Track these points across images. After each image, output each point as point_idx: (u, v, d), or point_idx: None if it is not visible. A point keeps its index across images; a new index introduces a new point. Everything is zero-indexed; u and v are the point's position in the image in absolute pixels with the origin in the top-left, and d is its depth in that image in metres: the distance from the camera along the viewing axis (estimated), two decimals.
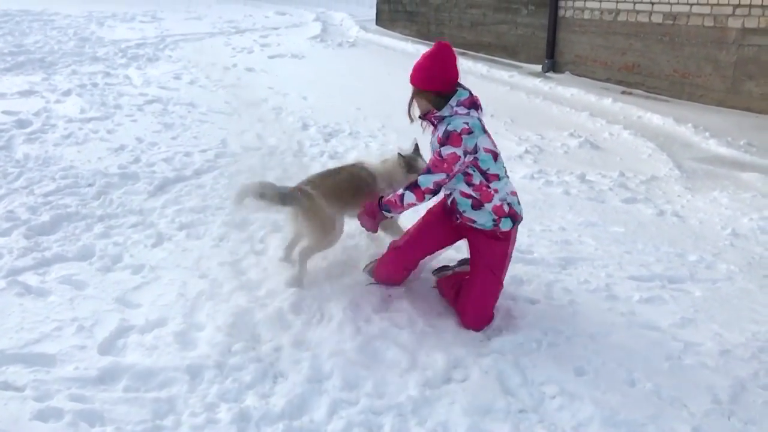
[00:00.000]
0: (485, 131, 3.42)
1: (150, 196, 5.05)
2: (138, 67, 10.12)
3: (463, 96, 3.42)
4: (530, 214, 4.92)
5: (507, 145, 6.96)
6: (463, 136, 3.28)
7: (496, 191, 3.41)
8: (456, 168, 3.34)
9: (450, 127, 3.32)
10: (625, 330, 3.47)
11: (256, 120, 7.50)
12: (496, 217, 3.44)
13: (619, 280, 4.04)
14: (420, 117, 3.56)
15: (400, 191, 3.47)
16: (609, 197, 5.51)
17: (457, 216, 3.54)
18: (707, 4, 8.66)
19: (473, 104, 3.43)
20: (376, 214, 3.59)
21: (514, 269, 4.02)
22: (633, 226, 4.90)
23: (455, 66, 3.45)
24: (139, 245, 4.22)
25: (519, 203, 3.55)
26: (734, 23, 8.42)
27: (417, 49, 13.06)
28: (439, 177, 3.36)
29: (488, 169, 3.39)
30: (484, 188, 3.40)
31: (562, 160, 6.57)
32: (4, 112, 6.86)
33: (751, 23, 8.25)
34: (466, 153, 3.31)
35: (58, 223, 4.43)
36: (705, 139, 7.22)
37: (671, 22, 9.13)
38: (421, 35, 14.34)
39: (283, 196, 3.73)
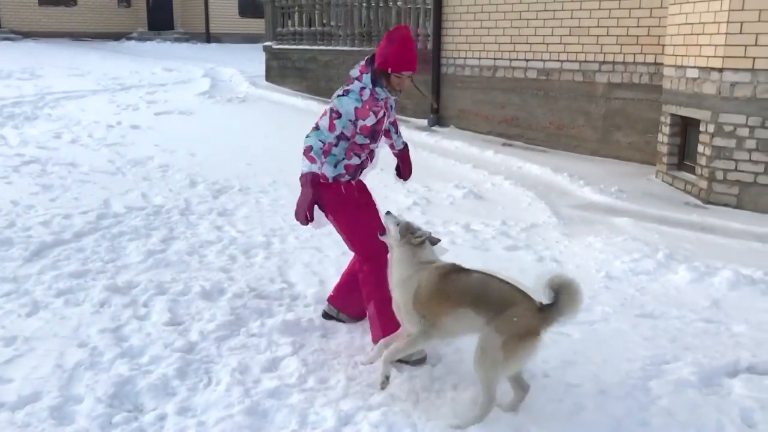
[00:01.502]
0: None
1: (25, 261, 4.82)
2: (14, 126, 9.73)
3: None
4: None
5: (396, 197, 7.13)
6: None
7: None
8: None
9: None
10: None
11: (141, 178, 7.33)
12: None
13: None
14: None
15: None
16: (492, 245, 5.72)
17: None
18: (576, 60, 9.29)
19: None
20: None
21: None
22: (515, 273, 5.07)
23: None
24: (11, 315, 4.00)
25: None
26: (601, 78, 9.07)
27: (307, 105, 13.24)
28: None
29: None
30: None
31: (449, 210, 6.78)
32: None
33: (615, 78, 8.91)
34: None
35: None
36: (580, 186, 7.65)
37: (545, 77, 9.72)
38: (312, 91, 14.54)
39: None
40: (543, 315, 3.04)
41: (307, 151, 3.67)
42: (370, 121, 3.73)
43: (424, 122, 11.57)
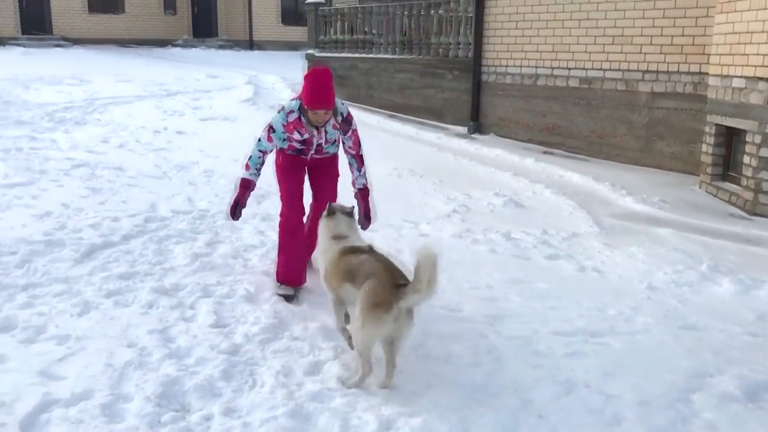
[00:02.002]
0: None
1: (76, 263, 4.96)
2: (65, 131, 10.01)
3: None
4: (458, 271, 5.09)
5: (435, 204, 7.16)
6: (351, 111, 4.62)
7: None
8: None
9: (344, 114, 4.50)
10: (550, 385, 3.58)
11: (186, 183, 7.49)
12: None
13: (544, 335, 4.18)
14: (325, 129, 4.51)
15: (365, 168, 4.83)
16: (533, 254, 5.71)
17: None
18: (619, 69, 9.22)
19: None
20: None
21: (443, 326, 4.13)
22: (556, 282, 5.09)
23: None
24: (64, 315, 4.13)
25: None
26: (644, 87, 8.98)
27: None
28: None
29: None
30: None
31: (488, 218, 6.78)
32: None
33: (659, 88, 8.82)
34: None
35: None
36: (622, 196, 7.59)
37: (587, 86, 9.66)
38: (352, 98, 14.66)
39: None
40: (396, 290, 3.31)
41: (246, 159, 4.60)
42: (296, 136, 4.49)
43: (464, 130, 11.59)
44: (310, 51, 16.12)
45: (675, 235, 6.33)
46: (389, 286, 3.35)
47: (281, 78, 17.39)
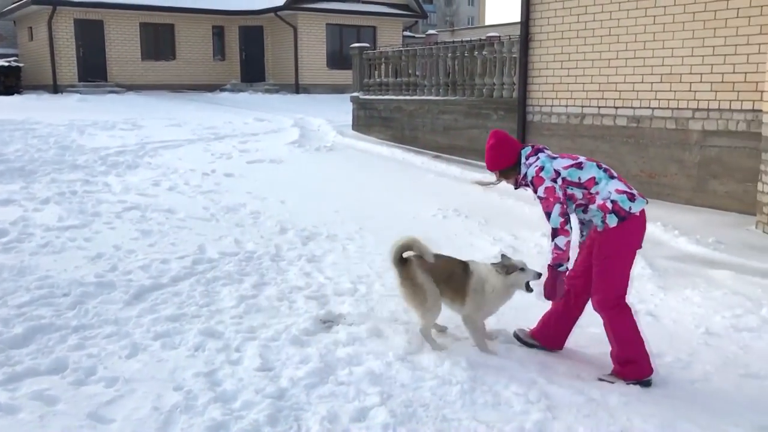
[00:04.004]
0: (554, 157, 4.12)
1: (126, 305, 5.03)
2: (117, 174, 10.26)
3: (527, 151, 4.18)
4: (508, 314, 4.96)
5: (482, 245, 7.08)
6: (540, 174, 4.01)
7: (597, 193, 3.99)
8: (558, 194, 3.96)
9: (529, 178, 4.10)
10: None
11: (234, 225, 7.58)
12: (602, 214, 3.96)
13: (598, 382, 4.04)
14: (515, 188, 4.35)
15: (552, 244, 3.98)
16: None
17: (583, 234, 4.31)
18: (668, 108, 9.08)
19: (537, 151, 4.17)
20: (555, 277, 4.03)
21: (492, 372, 4.02)
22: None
23: (513, 141, 4.29)
24: (113, 356, 4.17)
25: (631, 200, 3.96)
26: (695, 125, 8.81)
27: (392, 153, 13.45)
28: (556, 209, 3.92)
29: (579, 178, 4.01)
30: (587, 195, 4.01)
31: (536, 259, 6.63)
32: None
33: (710, 126, 8.64)
34: (553, 180, 3.98)
35: (32, 335, 4.38)
36: (675, 237, 7.39)
37: (635, 125, 9.53)
38: (396, 139, 14.76)
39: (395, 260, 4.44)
40: None
41: None
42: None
43: None
44: (355, 94, 16.33)
45: (732, 277, 6.11)
46: None
47: (327, 120, 17.62)
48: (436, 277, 4.39)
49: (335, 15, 28.79)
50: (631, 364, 4.03)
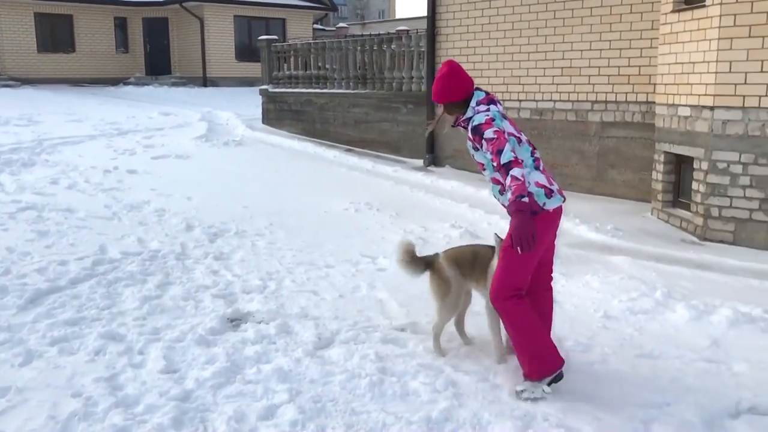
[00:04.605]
0: (505, 118, 3.83)
1: (20, 310, 4.77)
2: (11, 173, 9.75)
3: (480, 96, 3.88)
4: (416, 305, 5.02)
5: (392, 238, 7.12)
6: (490, 122, 3.69)
7: None
8: (507, 134, 3.66)
9: (474, 123, 3.75)
10: (508, 420, 3.53)
11: (137, 223, 7.33)
12: None
13: (502, 369, 4.13)
14: (452, 125, 4.02)
15: (508, 178, 3.49)
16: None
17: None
18: (569, 100, 9.40)
19: (491, 101, 3.88)
20: (522, 212, 3.44)
21: (398, 363, 4.05)
22: None
23: (467, 76, 3.94)
24: (5, 365, 3.95)
25: (548, 196, 3.74)
26: (594, 117, 9.16)
27: (303, 147, 13.36)
28: (508, 144, 3.57)
29: (513, 152, 3.60)
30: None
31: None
32: None
33: (608, 117, 9.00)
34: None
35: None
36: (576, 225, 7.65)
37: (538, 117, 9.82)
38: (308, 133, 14.66)
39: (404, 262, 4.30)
40: None
41: None
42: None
43: (420, 162, 11.64)
44: (265, 87, 16.11)
45: (629, 262, 6.38)
46: None
47: (236, 114, 17.31)
48: (461, 264, 4.25)
49: (243, 7, 28.29)
50: (535, 360, 3.77)
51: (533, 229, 3.44)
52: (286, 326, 4.65)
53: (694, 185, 7.17)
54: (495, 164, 3.61)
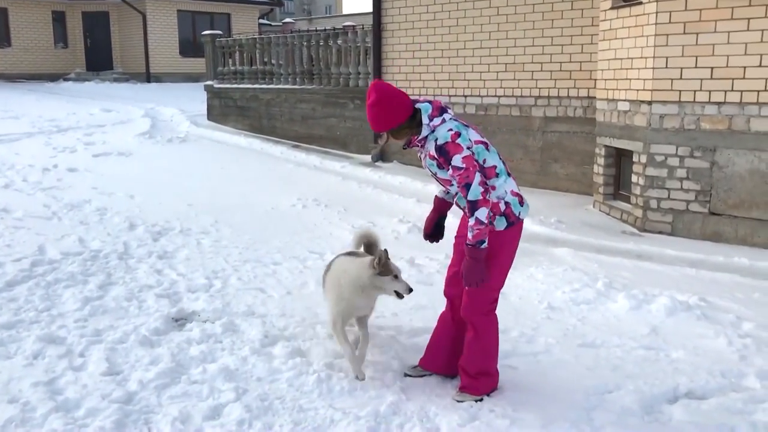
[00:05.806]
0: (465, 125, 3.56)
1: None
2: None
3: (428, 109, 3.51)
4: None
5: (340, 234, 7.12)
6: (458, 141, 3.39)
7: (493, 188, 3.48)
8: (476, 162, 3.40)
9: (439, 142, 3.42)
10: (455, 412, 3.56)
11: (77, 223, 7.14)
12: (491, 214, 3.44)
13: None
14: (404, 147, 3.65)
15: (472, 219, 3.34)
16: (437, 279, 5.73)
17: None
18: (513, 96, 9.53)
19: (441, 110, 3.53)
20: (477, 257, 3.39)
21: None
22: None
23: (400, 93, 3.52)
24: None
25: (521, 204, 3.58)
26: (537, 112, 9.32)
27: (250, 143, 13.20)
28: (477, 178, 3.35)
29: (485, 161, 3.46)
30: (482, 184, 3.39)
31: (393, 245, 6.74)
32: None
33: (551, 112, 9.17)
34: (469, 149, 3.40)
35: None
36: None
37: (483, 112, 9.93)
38: (254, 129, 14.50)
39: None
40: None
41: None
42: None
43: (368, 158, 11.64)
44: (209, 82, 15.87)
45: (572, 254, 6.53)
46: None
47: (180, 110, 16.98)
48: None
49: (187, 1, 27.79)
50: (485, 376, 3.72)
51: (483, 274, 3.44)
52: (233, 325, 4.61)
53: (634, 178, 7.36)
54: (461, 194, 3.44)
